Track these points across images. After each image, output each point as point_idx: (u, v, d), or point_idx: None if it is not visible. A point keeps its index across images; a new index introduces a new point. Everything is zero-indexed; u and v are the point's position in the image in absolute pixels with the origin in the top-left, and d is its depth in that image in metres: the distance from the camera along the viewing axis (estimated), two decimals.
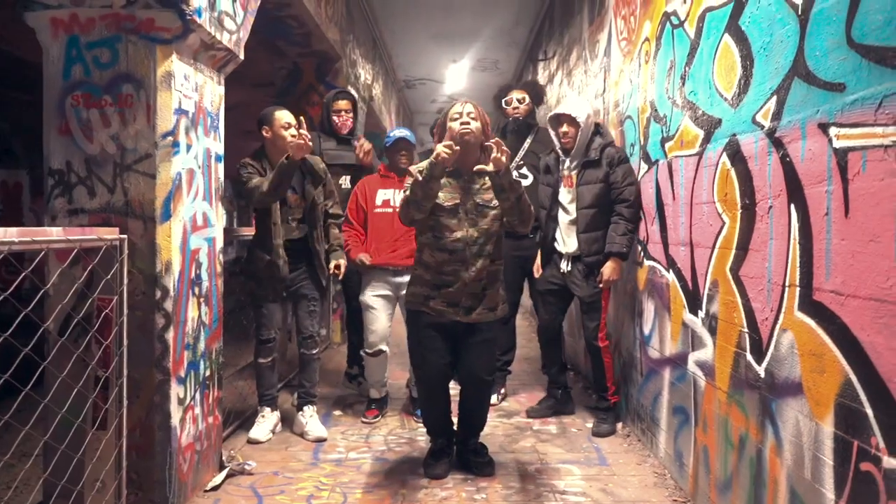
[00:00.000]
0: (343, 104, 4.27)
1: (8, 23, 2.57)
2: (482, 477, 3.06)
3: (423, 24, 7.33)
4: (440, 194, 2.97)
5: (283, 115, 3.48)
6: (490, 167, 2.79)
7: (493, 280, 3.03)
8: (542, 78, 7.22)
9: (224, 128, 3.05)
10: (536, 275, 3.98)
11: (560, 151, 3.75)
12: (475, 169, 2.86)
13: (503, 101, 4.37)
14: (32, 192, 8.33)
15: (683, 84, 2.87)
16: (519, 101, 4.27)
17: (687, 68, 2.84)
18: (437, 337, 3.03)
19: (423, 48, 8.31)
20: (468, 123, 2.90)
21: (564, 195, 3.74)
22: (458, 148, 2.82)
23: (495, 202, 2.96)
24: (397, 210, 3.73)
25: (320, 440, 3.51)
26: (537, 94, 4.46)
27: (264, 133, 3.47)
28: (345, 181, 4.32)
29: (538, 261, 3.98)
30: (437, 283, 2.98)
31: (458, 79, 9.48)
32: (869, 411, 1.63)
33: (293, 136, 3.38)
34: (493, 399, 4.24)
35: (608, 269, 3.55)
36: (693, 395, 2.78)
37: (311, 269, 3.60)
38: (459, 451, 3.23)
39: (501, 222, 3.02)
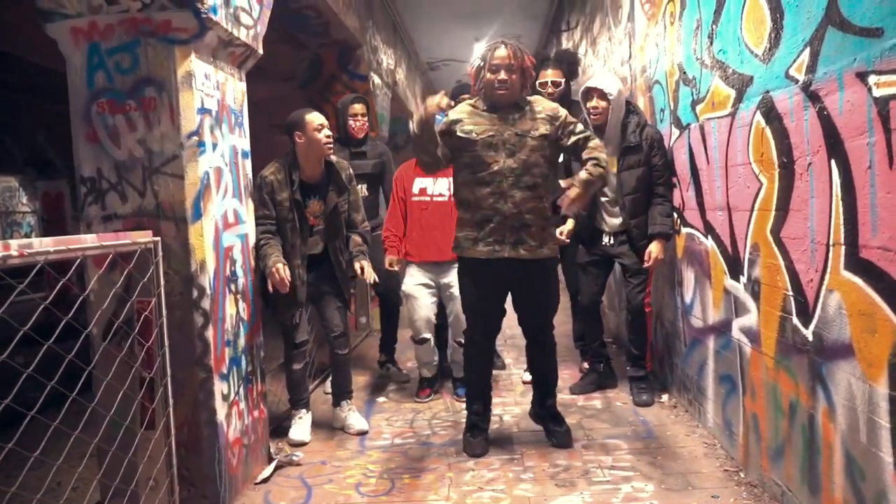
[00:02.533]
0: (359, 108, 4.25)
1: (36, 34, 2.61)
2: (560, 448, 3.08)
3: (443, 4, 7.24)
4: (474, 128, 2.92)
5: (315, 118, 3.27)
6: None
7: (536, 216, 2.92)
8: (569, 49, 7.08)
9: (253, 123, 3.06)
10: (559, 235, 3.75)
11: (592, 130, 3.65)
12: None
13: (537, 82, 4.25)
14: (74, 202, 8.56)
15: (711, 43, 2.78)
16: (554, 84, 4.13)
17: (714, 26, 2.74)
18: (490, 286, 3.02)
19: (444, 29, 8.22)
20: (505, 82, 2.86)
21: None
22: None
23: (534, 132, 2.89)
24: (434, 199, 3.76)
25: (362, 433, 3.47)
26: (572, 70, 4.32)
27: (297, 139, 3.26)
28: (361, 189, 4.33)
29: (566, 226, 3.83)
30: (479, 220, 2.93)
31: None
32: None
33: (328, 136, 3.26)
34: (529, 377, 4.22)
35: (656, 250, 3.50)
36: (739, 362, 2.72)
37: (332, 279, 3.45)
38: (537, 415, 3.30)
39: (547, 158, 2.94)
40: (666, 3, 3.42)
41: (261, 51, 3.07)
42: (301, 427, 3.44)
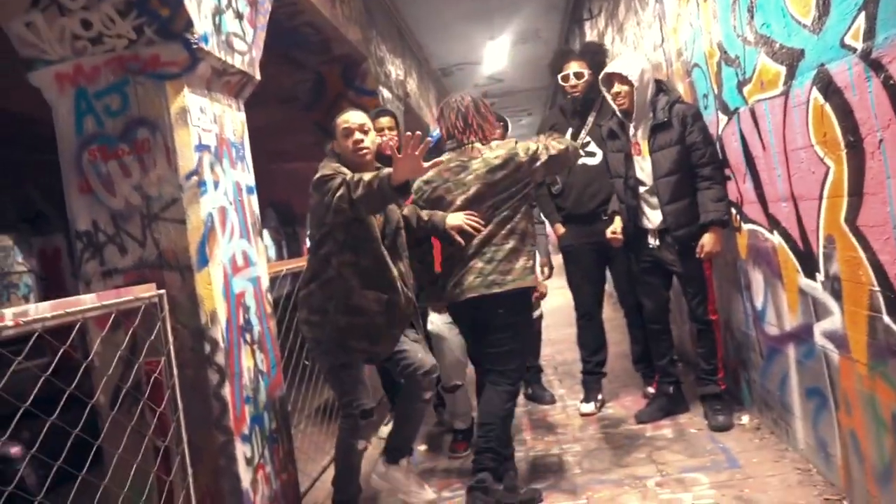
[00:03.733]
0: (385, 122, 3.93)
1: (21, 85, 2.71)
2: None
3: (451, 4, 7.33)
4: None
5: (343, 119, 2.91)
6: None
7: None
8: (590, 39, 7.09)
9: (251, 153, 3.10)
10: (610, 236, 3.80)
11: (620, 115, 3.67)
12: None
13: (559, 75, 4.27)
14: (71, 256, 8.79)
15: (752, 17, 2.77)
16: (577, 76, 4.14)
17: None
18: None
19: (454, 31, 8.30)
20: None
21: (637, 164, 3.66)
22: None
23: None
24: None
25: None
26: (598, 63, 4.31)
27: (336, 150, 2.97)
28: None
29: (614, 225, 3.81)
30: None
31: (497, 57, 9.43)
32: None
33: (357, 141, 2.86)
34: (591, 408, 4.18)
35: (709, 241, 3.44)
36: (827, 372, 2.65)
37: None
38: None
39: None
40: None
41: (258, 76, 3.13)
42: None
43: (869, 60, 1.99)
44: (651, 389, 4.19)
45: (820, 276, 2.57)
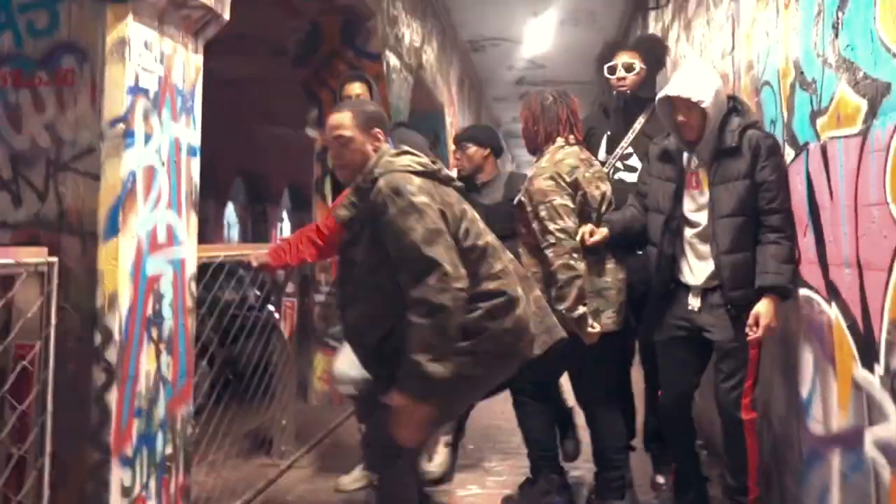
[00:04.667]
0: (357, 88, 4.00)
1: None
2: None
3: None
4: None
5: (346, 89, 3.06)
6: None
7: None
8: (653, 32, 7.17)
9: (228, 108, 3.11)
10: (588, 239, 3.64)
11: (684, 145, 3.58)
12: None
13: (606, 66, 4.28)
14: None
15: (836, 36, 2.80)
16: (626, 67, 4.14)
17: (840, 13, 2.76)
18: None
19: None
20: None
21: (690, 201, 3.59)
22: None
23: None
24: None
25: None
26: (655, 57, 4.32)
27: None
28: None
29: (598, 235, 3.67)
30: None
31: (541, 37, 9.54)
32: None
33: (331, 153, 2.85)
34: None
35: (767, 312, 3.28)
36: (875, 494, 2.61)
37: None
38: None
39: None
40: None
41: (227, 15, 3.15)
42: None
43: None
44: (661, 479, 4.16)
45: (879, 369, 2.55)
